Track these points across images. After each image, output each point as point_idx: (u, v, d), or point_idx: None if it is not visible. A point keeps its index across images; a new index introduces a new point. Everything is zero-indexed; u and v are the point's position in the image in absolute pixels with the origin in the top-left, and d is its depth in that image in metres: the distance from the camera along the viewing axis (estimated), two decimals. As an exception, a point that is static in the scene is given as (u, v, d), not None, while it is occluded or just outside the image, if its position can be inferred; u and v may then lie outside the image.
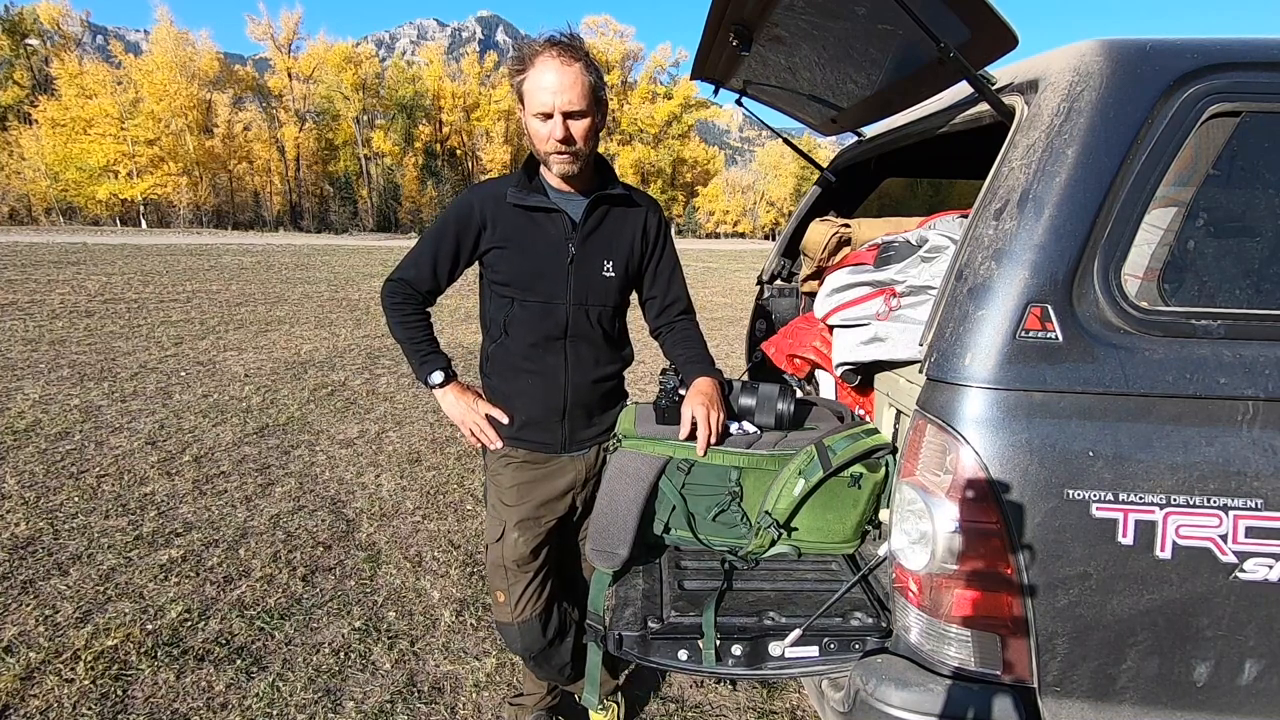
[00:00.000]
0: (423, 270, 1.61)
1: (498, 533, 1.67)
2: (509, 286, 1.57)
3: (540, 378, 1.61)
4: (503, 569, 1.67)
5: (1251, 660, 1.14)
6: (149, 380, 5.54)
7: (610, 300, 1.65)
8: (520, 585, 1.67)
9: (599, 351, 1.65)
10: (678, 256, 1.78)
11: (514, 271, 1.56)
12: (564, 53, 1.41)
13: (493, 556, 1.68)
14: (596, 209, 1.59)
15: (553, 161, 1.49)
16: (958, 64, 1.23)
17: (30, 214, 45.78)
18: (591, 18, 68.52)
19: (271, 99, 56.97)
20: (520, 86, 1.44)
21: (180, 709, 1.99)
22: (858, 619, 1.31)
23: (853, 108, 2.02)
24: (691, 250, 34.43)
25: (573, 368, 1.62)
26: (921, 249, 1.61)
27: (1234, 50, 1.15)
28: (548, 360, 1.61)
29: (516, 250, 1.56)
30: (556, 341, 1.60)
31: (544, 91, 1.40)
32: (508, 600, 1.68)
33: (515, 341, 1.60)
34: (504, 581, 1.68)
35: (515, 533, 1.65)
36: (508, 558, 1.66)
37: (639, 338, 1.82)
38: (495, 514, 1.68)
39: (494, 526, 1.68)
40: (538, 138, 1.46)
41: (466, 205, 1.57)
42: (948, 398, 1.15)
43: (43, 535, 2.96)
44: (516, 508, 1.65)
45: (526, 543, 1.66)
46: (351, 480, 3.70)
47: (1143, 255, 1.17)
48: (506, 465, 1.66)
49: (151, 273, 13.45)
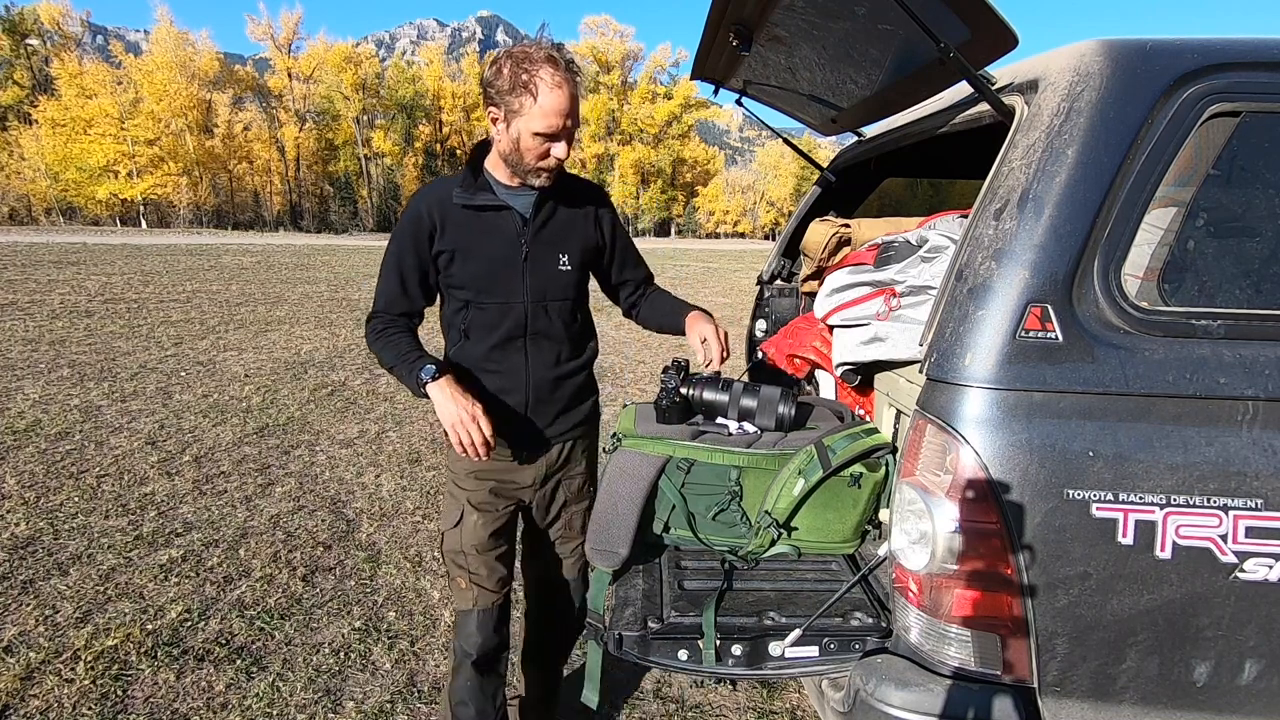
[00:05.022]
0: (393, 294, 1.56)
1: (455, 517, 1.63)
2: (464, 289, 1.54)
3: (502, 377, 1.59)
4: (462, 553, 1.63)
5: (1251, 660, 1.14)
6: (149, 380, 5.54)
7: (569, 294, 1.62)
8: (482, 570, 1.63)
9: (560, 347, 1.63)
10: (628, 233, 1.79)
11: (468, 275, 1.53)
12: (568, 69, 1.38)
13: (450, 543, 1.64)
14: (546, 203, 1.56)
15: (539, 175, 1.47)
16: (958, 64, 1.23)
17: (30, 214, 45.78)
18: (591, 18, 68.51)
19: (271, 99, 56.98)
20: (517, 101, 1.38)
21: (180, 709, 1.99)
22: (858, 619, 1.31)
23: (853, 108, 2.02)
24: (691, 250, 34.39)
25: (534, 366, 1.60)
26: (921, 249, 1.61)
27: (1234, 50, 1.15)
28: (509, 360, 1.58)
29: (468, 253, 1.52)
30: (516, 341, 1.57)
31: (555, 115, 1.38)
32: (469, 586, 1.63)
33: (475, 344, 1.57)
34: (464, 566, 1.63)
35: (474, 515, 1.62)
36: (467, 542, 1.62)
37: (640, 337, 1.82)
38: (453, 498, 1.65)
39: (451, 511, 1.64)
40: (530, 152, 1.43)
41: (415, 213, 1.51)
42: (948, 398, 1.15)
43: (43, 535, 2.96)
44: (475, 488, 1.62)
45: (485, 525, 1.62)
46: (351, 480, 3.70)
47: (1143, 255, 1.17)
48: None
49: (151, 273, 13.45)
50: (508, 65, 1.38)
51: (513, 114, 1.40)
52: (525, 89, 1.37)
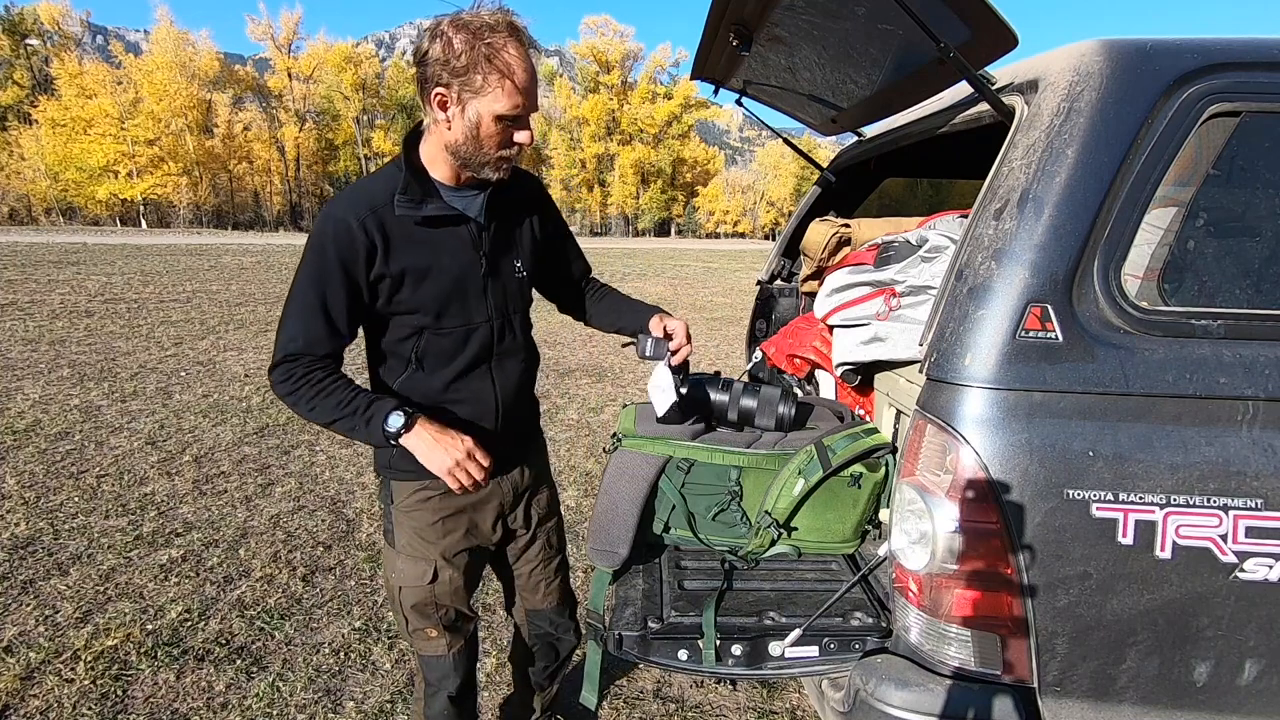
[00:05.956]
0: (315, 333, 1.24)
1: (425, 574, 1.42)
2: (416, 315, 1.30)
3: (468, 407, 1.38)
4: (433, 605, 1.44)
5: (1251, 660, 1.14)
6: (149, 380, 5.54)
7: (526, 303, 1.48)
8: (453, 615, 1.48)
9: (522, 363, 1.48)
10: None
11: (424, 298, 1.30)
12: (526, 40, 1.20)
13: (417, 598, 1.43)
14: (496, 202, 1.36)
15: (499, 167, 1.27)
16: (958, 64, 1.23)
17: (30, 214, 45.80)
18: (591, 18, 68.47)
19: (271, 99, 56.95)
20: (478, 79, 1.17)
21: (180, 709, 1.99)
22: (858, 619, 1.31)
23: (853, 108, 2.02)
24: (691, 250, 34.41)
25: (501, 389, 1.42)
26: (921, 249, 1.61)
27: (1234, 50, 1.15)
28: (474, 387, 1.39)
29: (424, 274, 1.28)
30: (482, 366, 1.39)
31: (520, 94, 1.20)
32: (440, 635, 1.47)
33: (431, 375, 1.35)
34: (436, 617, 1.45)
35: (450, 569, 1.44)
36: (444, 597, 1.44)
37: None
38: (415, 555, 1.42)
39: (416, 569, 1.42)
40: (490, 140, 1.23)
41: (343, 229, 1.22)
42: (948, 398, 1.15)
43: (43, 535, 2.96)
44: (443, 541, 1.43)
45: (461, 575, 1.46)
46: (351, 480, 3.70)
47: (1143, 255, 1.17)
48: (425, 500, 1.41)
49: (151, 273, 13.45)
50: (460, 37, 1.16)
51: (471, 95, 1.19)
52: (489, 64, 1.16)
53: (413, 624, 1.47)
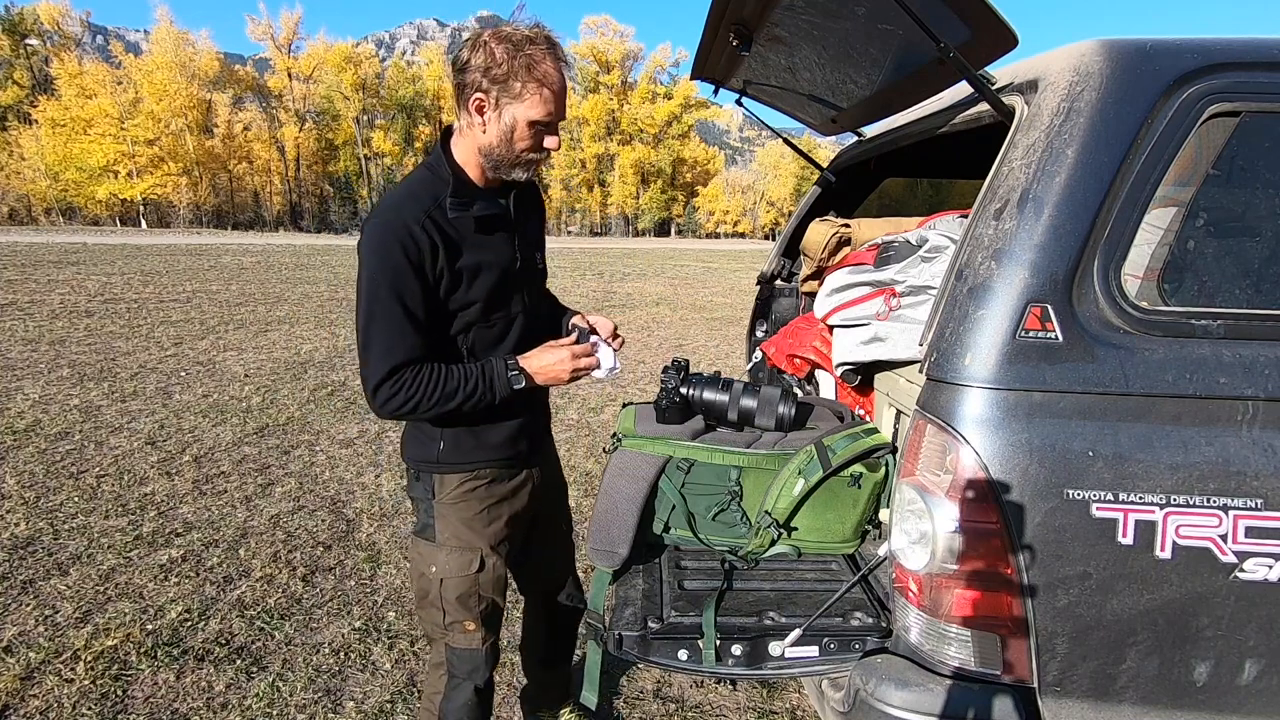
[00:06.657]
0: (409, 338, 1.31)
1: (472, 564, 1.48)
2: (470, 309, 1.39)
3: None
4: (476, 598, 1.50)
5: (1251, 660, 1.15)
6: (149, 380, 5.54)
7: (545, 293, 1.61)
8: (491, 607, 1.54)
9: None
10: None
11: (476, 294, 1.38)
12: (561, 54, 1.30)
13: (462, 589, 1.48)
14: (520, 200, 1.47)
15: (527, 168, 1.38)
16: (958, 64, 1.23)
17: (30, 214, 45.80)
18: (591, 18, 68.49)
19: (271, 99, 56.96)
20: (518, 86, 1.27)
21: (180, 709, 1.99)
22: (858, 619, 1.32)
23: (853, 108, 2.02)
24: (691, 250, 34.43)
25: None
26: (921, 249, 1.61)
27: (1234, 50, 1.15)
28: None
29: (478, 269, 1.38)
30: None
31: (554, 102, 1.30)
32: (478, 628, 1.52)
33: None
34: (477, 610, 1.50)
35: (494, 557, 1.50)
36: (486, 586, 1.50)
37: (640, 337, 1.81)
38: (460, 546, 1.48)
39: (461, 559, 1.48)
40: (522, 143, 1.32)
41: (406, 234, 1.28)
42: (948, 398, 1.15)
43: (43, 535, 2.96)
44: (489, 530, 1.50)
45: (504, 564, 1.54)
46: (351, 480, 3.70)
47: (1143, 255, 1.17)
48: (472, 490, 1.48)
49: (151, 273, 13.45)
50: (501, 48, 1.26)
51: (509, 101, 1.28)
52: (528, 73, 1.26)
53: (451, 616, 1.51)
